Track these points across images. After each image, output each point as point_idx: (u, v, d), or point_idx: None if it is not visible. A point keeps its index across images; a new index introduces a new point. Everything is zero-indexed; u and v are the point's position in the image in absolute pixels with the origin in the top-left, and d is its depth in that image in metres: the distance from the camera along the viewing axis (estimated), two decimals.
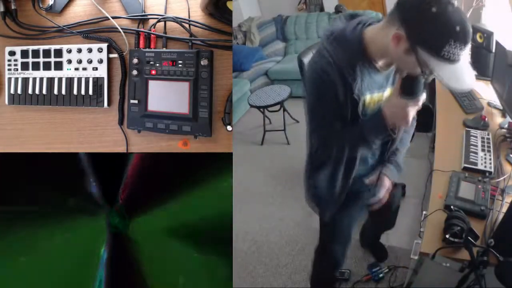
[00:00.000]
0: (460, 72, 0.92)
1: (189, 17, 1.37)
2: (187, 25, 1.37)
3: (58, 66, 1.44)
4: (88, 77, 1.43)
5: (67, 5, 1.44)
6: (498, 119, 1.88)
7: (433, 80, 2.43)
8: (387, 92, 1.11)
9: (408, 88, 0.97)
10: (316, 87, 1.08)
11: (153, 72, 1.36)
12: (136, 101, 1.38)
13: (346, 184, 1.28)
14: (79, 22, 1.43)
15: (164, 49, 1.37)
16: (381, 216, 1.69)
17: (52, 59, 1.44)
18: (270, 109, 3.51)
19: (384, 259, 2.12)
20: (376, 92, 1.09)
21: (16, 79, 1.47)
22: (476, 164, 1.54)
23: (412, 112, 0.99)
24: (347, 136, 1.11)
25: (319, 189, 1.34)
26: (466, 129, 1.79)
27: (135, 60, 1.36)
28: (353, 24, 1.03)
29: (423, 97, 0.99)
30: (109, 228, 1.33)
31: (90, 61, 1.41)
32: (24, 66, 1.46)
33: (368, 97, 1.07)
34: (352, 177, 1.27)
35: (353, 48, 1.01)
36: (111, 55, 1.42)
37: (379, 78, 1.07)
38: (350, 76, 1.01)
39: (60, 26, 1.43)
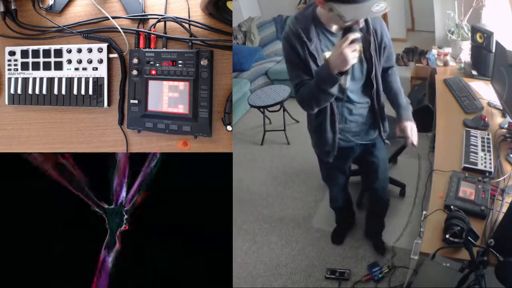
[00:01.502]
0: (366, 8, 1.12)
1: (189, 17, 1.37)
2: (187, 25, 1.37)
3: (58, 66, 1.44)
4: (88, 77, 1.43)
5: (67, 5, 1.44)
6: (498, 119, 1.88)
7: (433, 80, 2.44)
8: None
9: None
10: (284, 50, 1.42)
11: (153, 72, 1.36)
12: (136, 101, 1.38)
13: (335, 134, 1.57)
14: (79, 22, 1.43)
15: (164, 49, 1.37)
16: (371, 185, 1.98)
17: (52, 59, 1.44)
18: (270, 109, 3.50)
19: (383, 253, 2.14)
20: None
21: (16, 79, 1.47)
22: (476, 164, 1.54)
23: (347, 51, 1.15)
24: (310, 86, 1.35)
25: (315, 135, 1.68)
26: (466, 129, 1.79)
27: (135, 60, 1.36)
28: (309, 5, 1.39)
29: (354, 35, 1.16)
30: (109, 228, 1.33)
31: (90, 61, 1.41)
32: (24, 66, 1.46)
33: (327, 54, 1.36)
34: (337, 129, 1.56)
35: (307, 18, 1.36)
36: (111, 55, 1.42)
37: (336, 39, 1.37)
38: (305, 36, 1.34)
39: (60, 26, 1.43)
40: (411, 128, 1.56)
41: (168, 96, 1.36)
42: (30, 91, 1.46)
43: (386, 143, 1.72)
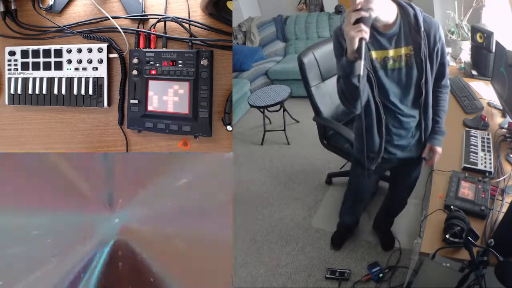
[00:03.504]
0: None
1: (189, 17, 1.37)
2: (187, 25, 1.37)
3: (58, 66, 1.44)
4: (88, 77, 1.43)
5: (67, 5, 1.44)
6: (498, 119, 1.88)
7: None
8: (391, 52, 1.33)
9: None
10: (333, 43, 1.37)
11: (153, 72, 1.36)
12: (136, 101, 1.38)
13: (382, 139, 1.49)
14: (79, 22, 1.43)
15: (164, 49, 1.37)
16: (395, 193, 1.99)
17: (52, 59, 1.44)
18: (270, 109, 3.51)
19: (389, 248, 2.14)
20: (379, 50, 1.34)
21: (16, 79, 1.47)
22: (476, 164, 1.54)
23: (349, 28, 1.14)
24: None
25: (359, 139, 1.58)
26: (466, 129, 1.79)
27: (135, 60, 1.36)
28: None
29: (357, 14, 1.14)
30: (107, 228, 1.33)
31: (90, 61, 1.41)
32: (24, 66, 1.46)
33: (373, 53, 1.34)
34: (384, 134, 1.47)
35: None
36: (111, 55, 1.42)
37: (383, 40, 1.33)
38: None
39: (60, 26, 1.43)
40: (439, 155, 1.54)
41: (168, 96, 1.36)
42: (30, 91, 1.46)
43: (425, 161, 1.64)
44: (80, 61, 1.42)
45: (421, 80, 1.36)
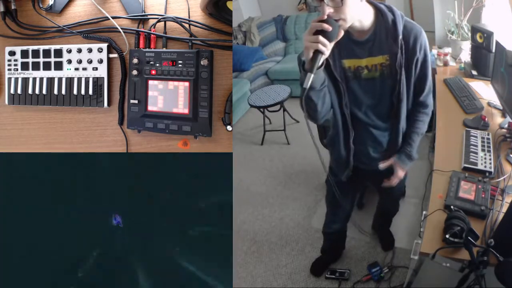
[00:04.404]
0: None
1: (189, 17, 1.37)
2: (187, 25, 1.37)
3: (58, 66, 1.44)
4: (88, 77, 1.43)
5: (67, 5, 1.44)
6: (498, 119, 1.88)
7: (433, 80, 2.45)
8: (365, 61, 1.26)
9: None
10: None
11: (153, 72, 1.36)
12: (136, 101, 1.38)
13: (349, 152, 1.43)
14: (79, 22, 1.43)
15: (164, 49, 1.37)
16: (385, 198, 1.98)
17: (52, 59, 1.44)
18: (270, 109, 3.51)
19: (389, 248, 2.14)
20: (352, 58, 1.27)
21: (16, 79, 1.47)
22: (476, 164, 1.54)
23: (306, 38, 1.08)
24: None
25: (330, 149, 1.55)
26: (466, 129, 1.79)
27: (135, 60, 1.36)
28: None
29: (318, 25, 1.07)
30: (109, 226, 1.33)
31: (90, 61, 1.41)
32: (24, 66, 1.46)
33: (346, 61, 1.27)
34: (351, 141, 1.40)
35: None
36: (111, 55, 1.42)
37: (356, 48, 1.25)
38: None
39: (60, 26, 1.43)
40: (398, 179, 1.46)
41: (168, 96, 1.36)
42: (30, 91, 1.46)
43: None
44: (80, 61, 1.42)
45: (394, 92, 1.27)
